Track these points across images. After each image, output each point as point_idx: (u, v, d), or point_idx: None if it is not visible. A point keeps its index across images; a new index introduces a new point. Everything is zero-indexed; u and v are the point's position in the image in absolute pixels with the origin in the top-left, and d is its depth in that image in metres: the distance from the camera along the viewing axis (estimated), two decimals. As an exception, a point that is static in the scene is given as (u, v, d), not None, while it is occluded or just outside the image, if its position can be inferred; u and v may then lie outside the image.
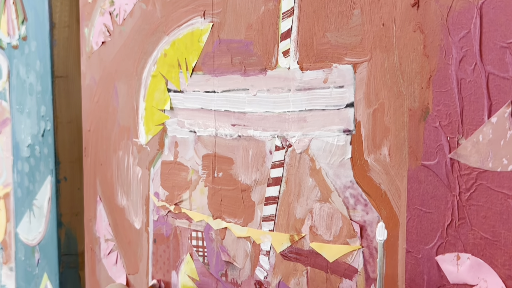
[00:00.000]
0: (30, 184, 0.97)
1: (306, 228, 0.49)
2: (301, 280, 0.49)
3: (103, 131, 0.76)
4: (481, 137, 0.36)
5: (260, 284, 0.54)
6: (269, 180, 0.52)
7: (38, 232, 0.96)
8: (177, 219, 0.64)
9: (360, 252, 0.44)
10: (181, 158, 0.62)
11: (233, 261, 0.57)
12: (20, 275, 1.05)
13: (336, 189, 0.46)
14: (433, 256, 0.39)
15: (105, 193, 0.77)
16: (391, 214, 0.42)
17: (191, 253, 0.62)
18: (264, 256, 0.53)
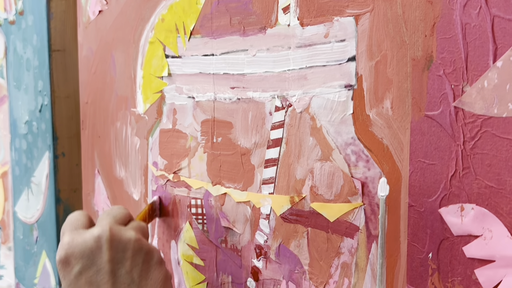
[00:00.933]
0: (28, 161, 0.97)
1: (307, 188, 0.48)
2: (302, 241, 0.49)
3: (101, 103, 0.75)
4: (486, 83, 0.35)
5: (260, 248, 0.53)
6: (269, 142, 0.51)
7: (36, 209, 0.95)
8: (176, 188, 0.63)
9: (361, 209, 0.44)
10: (180, 125, 0.61)
11: (233, 226, 0.56)
12: (18, 254, 1.04)
13: (337, 147, 0.45)
14: (436, 208, 0.38)
15: (103, 165, 0.76)
16: (393, 168, 0.41)
17: (190, 222, 0.62)
18: (264, 220, 0.52)
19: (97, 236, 0.49)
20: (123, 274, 0.48)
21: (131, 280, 0.49)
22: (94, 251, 0.49)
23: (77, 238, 0.49)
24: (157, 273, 0.50)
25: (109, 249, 0.49)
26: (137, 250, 0.50)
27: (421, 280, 0.40)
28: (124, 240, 0.50)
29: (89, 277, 0.48)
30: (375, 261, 0.43)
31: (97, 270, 0.48)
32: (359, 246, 0.44)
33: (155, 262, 0.51)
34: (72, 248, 0.49)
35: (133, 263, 0.49)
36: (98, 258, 0.48)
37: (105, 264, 0.48)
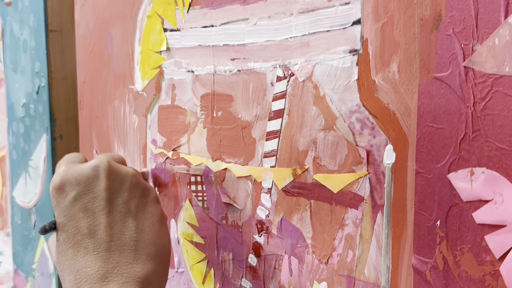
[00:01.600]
0: (25, 145, 0.95)
1: (309, 160, 0.46)
2: (304, 215, 0.47)
3: (98, 81, 0.74)
4: (497, 40, 0.33)
5: (261, 223, 0.52)
6: (271, 113, 0.50)
7: (34, 193, 0.94)
8: (175, 165, 0.62)
9: (366, 179, 0.42)
10: (179, 101, 0.60)
11: (234, 202, 0.54)
12: (16, 240, 1.03)
13: (341, 115, 0.43)
14: (444, 174, 0.37)
15: (101, 145, 0.75)
16: (400, 135, 0.40)
17: (190, 199, 0.60)
18: (265, 194, 0.51)
19: (95, 165, 0.48)
20: (120, 204, 0.47)
21: (128, 210, 0.47)
22: (91, 178, 0.47)
23: (74, 167, 0.48)
24: (153, 209, 0.49)
25: (107, 177, 0.47)
26: (134, 184, 0.49)
27: (428, 249, 0.39)
28: (122, 172, 0.49)
29: (85, 204, 0.46)
30: (381, 231, 0.42)
31: (93, 197, 0.47)
32: (364, 216, 0.43)
33: (151, 199, 0.49)
34: (68, 175, 0.47)
35: (130, 195, 0.48)
36: (95, 185, 0.47)
37: (102, 191, 0.47)
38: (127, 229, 0.46)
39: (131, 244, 0.45)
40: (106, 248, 0.44)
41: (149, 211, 0.48)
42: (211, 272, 0.58)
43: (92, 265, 0.43)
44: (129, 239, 0.45)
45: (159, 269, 0.46)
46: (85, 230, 0.45)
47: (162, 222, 0.49)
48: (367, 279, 0.43)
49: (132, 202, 0.48)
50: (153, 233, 0.47)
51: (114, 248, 0.44)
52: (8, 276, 1.08)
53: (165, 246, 0.48)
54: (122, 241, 0.45)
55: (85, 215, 0.46)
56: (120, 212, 0.46)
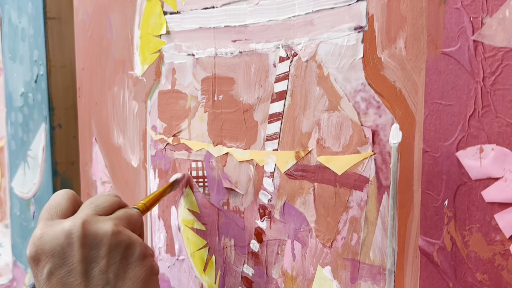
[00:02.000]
0: (24, 135, 0.94)
1: (313, 142, 0.45)
2: (308, 198, 0.46)
3: (97, 68, 0.73)
4: (508, 12, 0.32)
5: (264, 208, 0.51)
6: (273, 95, 0.49)
7: (33, 183, 0.93)
8: (175, 151, 0.61)
9: (371, 159, 0.41)
10: (179, 85, 0.59)
11: (235, 187, 0.53)
12: (15, 231, 1.02)
13: (345, 95, 0.42)
14: (453, 152, 0.36)
15: (100, 133, 0.74)
16: (407, 113, 0.39)
17: (191, 185, 0.59)
18: (268, 178, 0.50)
19: (68, 231, 0.43)
20: (97, 275, 0.43)
21: (106, 281, 0.44)
22: (65, 248, 0.43)
23: (49, 232, 0.44)
24: (137, 270, 0.45)
25: (81, 246, 0.43)
26: (114, 245, 0.44)
27: (436, 230, 0.38)
28: (100, 235, 0.44)
29: (61, 278, 0.43)
30: (386, 213, 0.41)
31: (68, 271, 0.43)
32: (369, 198, 0.42)
33: (136, 258, 0.45)
34: (42, 244, 0.43)
35: (109, 262, 0.44)
36: (69, 256, 0.43)
37: (77, 264, 0.43)
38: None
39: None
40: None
41: (132, 277, 0.45)
42: (212, 259, 0.57)
43: None
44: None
45: None
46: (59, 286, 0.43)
47: (149, 281, 0.46)
48: (372, 262, 0.42)
49: (111, 269, 0.44)
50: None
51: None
52: (7, 268, 1.07)
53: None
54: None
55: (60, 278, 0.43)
56: (98, 285, 0.43)
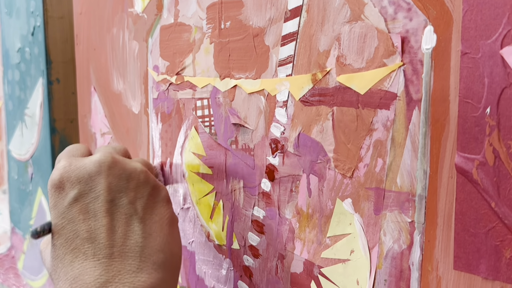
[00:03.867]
0: (21, 93, 0.90)
1: (332, 60, 0.41)
2: (326, 125, 0.42)
3: (96, 10, 0.68)
4: None
5: (276, 142, 0.46)
6: (286, 13, 0.44)
7: (31, 143, 0.89)
8: (179, 91, 0.56)
9: (400, 71, 0.36)
10: (183, 17, 0.54)
11: (244, 123, 0.49)
12: (13, 196, 0.98)
13: (370, 0, 0.38)
14: (496, 50, 0.31)
15: (99, 81, 0.69)
16: (442, 11, 0.34)
17: (196, 126, 0.55)
18: (280, 109, 0.45)
19: (98, 160, 0.42)
20: (125, 204, 0.41)
21: (134, 211, 0.41)
22: (93, 176, 0.41)
23: (75, 163, 0.42)
24: (163, 210, 0.43)
25: (110, 175, 0.41)
26: (142, 182, 0.43)
27: (475, 144, 0.33)
28: (129, 169, 0.43)
29: (85, 205, 0.40)
30: (417, 131, 0.36)
31: (94, 197, 0.41)
32: (397, 117, 0.37)
33: (161, 198, 0.43)
34: (68, 172, 0.41)
35: (137, 194, 0.42)
36: (97, 184, 0.41)
37: (104, 191, 0.41)
38: (131, 233, 0.40)
39: (135, 251, 0.39)
40: (108, 254, 0.39)
41: (158, 213, 0.42)
42: (219, 204, 0.53)
43: (91, 272, 0.38)
44: (133, 244, 0.40)
45: (167, 279, 0.41)
46: (85, 234, 0.39)
47: (172, 225, 0.43)
48: (400, 188, 0.37)
49: (138, 202, 0.42)
50: (161, 238, 0.41)
51: (116, 255, 0.39)
52: (5, 236, 1.03)
53: (174, 253, 0.42)
54: (126, 247, 0.39)
55: (85, 217, 0.40)
56: (124, 213, 0.41)
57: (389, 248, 0.38)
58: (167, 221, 0.42)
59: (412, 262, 0.37)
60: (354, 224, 0.41)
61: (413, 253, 0.37)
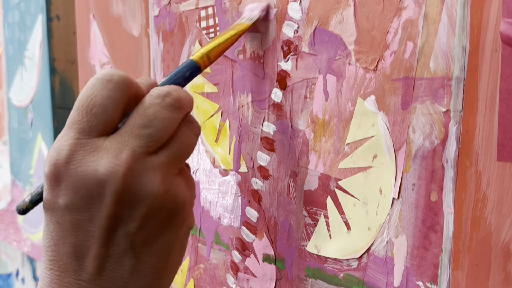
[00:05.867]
0: (21, 35, 0.85)
1: None
2: (346, 13, 0.36)
3: None
4: None
5: (288, 44, 0.41)
6: None
7: (31, 87, 0.84)
8: (181, 3, 0.51)
9: None
10: None
11: (253, 25, 0.43)
12: (14, 146, 0.94)
13: None
14: None
15: (98, 6, 0.64)
16: None
17: (200, 40, 0.49)
18: (294, 3, 0.40)
19: (103, 180, 0.32)
20: (122, 235, 0.33)
21: (130, 245, 0.33)
22: (93, 197, 0.33)
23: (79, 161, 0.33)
24: (170, 236, 0.35)
25: (114, 204, 0.33)
26: (154, 210, 0.33)
27: (528, 4, 0.27)
28: (141, 195, 0.33)
29: (78, 220, 0.33)
30: (454, 1, 0.30)
31: (89, 219, 0.33)
32: (430, -11, 0.32)
33: (174, 224, 0.35)
34: (67, 171, 0.33)
35: (141, 225, 0.33)
36: (96, 208, 0.33)
37: (103, 218, 0.33)
38: (119, 266, 0.34)
39: (118, 284, 0.33)
40: (89, 279, 0.33)
41: (161, 241, 0.34)
42: (225, 125, 0.48)
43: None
44: (119, 278, 0.33)
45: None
46: (70, 249, 0.33)
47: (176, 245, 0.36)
48: (433, 73, 0.32)
49: (140, 234, 0.34)
50: (153, 275, 0.34)
51: (97, 283, 0.33)
52: (6, 189, 0.99)
53: (165, 286, 0.36)
54: (110, 278, 0.33)
55: (74, 231, 0.33)
56: (118, 246, 0.33)
57: (419, 147, 0.33)
58: (170, 247, 0.35)
59: (446, 159, 0.32)
60: (377, 125, 0.35)
61: (447, 148, 0.32)
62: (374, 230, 0.36)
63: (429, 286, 0.33)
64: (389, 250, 0.35)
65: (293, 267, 0.43)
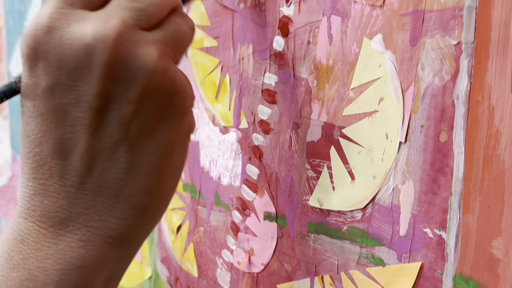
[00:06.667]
0: (21, 5, 0.84)
1: None
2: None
3: None
4: None
5: (291, -13, 0.39)
6: None
7: (30, 58, 0.83)
8: (182, -44, 0.49)
9: None
10: None
11: (255, -28, 0.42)
12: (14, 120, 0.93)
13: None
14: None
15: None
16: None
17: (200, -7, 0.48)
18: None
19: (91, 46, 0.28)
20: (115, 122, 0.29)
21: (124, 135, 0.29)
22: (80, 69, 0.28)
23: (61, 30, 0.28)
24: (169, 130, 0.30)
25: (105, 76, 0.28)
26: (151, 90, 0.29)
27: None
28: (136, 69, 0.29)
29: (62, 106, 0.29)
30: None
31: (77, 101, 0.29)
32: None
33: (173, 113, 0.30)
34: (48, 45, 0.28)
35: (137, 110, 0.29)
36: (84, 84, 0.28)
37: (92, 97, 0.29)
38: (113, 164, 0.29)
39: (113, 188, 0.30)
40: (77, 183, 0.29)
41: (159, 136, 0.30)
42: (226, 80, 0.46)
43: (52, 200, 0.29)
44: (112, 179, 0.29)
45: (144, 227, 0.32)
46: (55, 145, 0.29)
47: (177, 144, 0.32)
48: (444, 4, 0.30)
49: (136, 121, 0.29)
50: (152, 177, 0.30)
51: (88, 187, 0.29)
52: (6, 165, 0.98)
53: (165, 195, 0.32)
54: (103, 180, 0.29)
55: (59, 122, 0.29)
56: (111, 135, 0.29)
57: (428, 85, 0.31)
58: (170, 144, 0.31)
59: (457, 96, 0.30)
60: (384, 66, 0.34)
61: (458, 83, 0.30)
62: (380, 178, 0.34)
63: (437, 233, 0.31)
64: (395, 198, 0.34)
65: (295, 223, 0.41)
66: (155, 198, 0.31)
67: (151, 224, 0.32)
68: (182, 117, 0.31)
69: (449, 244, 0.31)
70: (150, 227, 0.32)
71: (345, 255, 0.37)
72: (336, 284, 0.38)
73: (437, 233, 0.31)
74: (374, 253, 0.35)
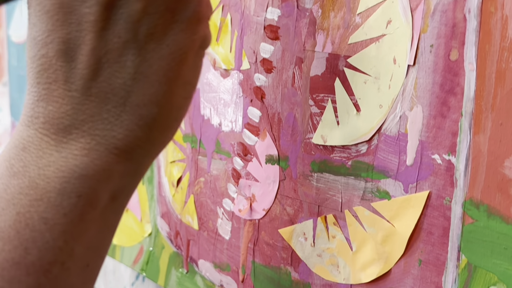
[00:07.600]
0: (19, -34, 0.82)
1: None
2: None
3: None
4: None
5: None
6: None
7: (29, 20, 0.81)
8: None
9: None
10: None
11: None
12: (13, 86, 0.91)
13: None
14: None
15: None
16: None
17: None
18: None
19: None
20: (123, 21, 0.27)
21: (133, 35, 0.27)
22: None
23: None
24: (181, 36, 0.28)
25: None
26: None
27: None
28: None
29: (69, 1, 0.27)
30: None
31: None
32: None
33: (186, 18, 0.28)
34: None
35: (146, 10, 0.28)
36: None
37: None
38: (121, 68, 0.28)
39: (119, 95, 0.28)
40: (83, 88, 0.28)
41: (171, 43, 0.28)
42: (227, 20, 0.45)
43: (55, 104, 0.28)
44: (119, 85, 0.28)
45: (152, 141, 0.30)
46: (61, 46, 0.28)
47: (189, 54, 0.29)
48: None
49: (145, 21, 0.28)
50: (161, 86, 0.29)
51: (93, 92, 0.28)
52: (5, 134, 0.97)
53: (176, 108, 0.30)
54: (109, 86, 0.28)
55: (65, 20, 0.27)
56: (119, 36, 0.27)
57: (438, 0, 0.30)
58: (180, 58, 0.29)
59: (468, 9, 0.28)
60: (392, -14, 0.32)
61: (470, -5, 0.28)
62: (386, 106, 0.33)
63: (446, 158, 0.30)
64: (402, 126, 0.32)
65: (298, 164, 0.40)
66: (164, 111, 0.29)
67: (161, 141, 0.30)
68: (196, 24, 0.29)
69: (458, 168, 0.30)
70: (159, 144, 0.30)
71: (349, 191, 0.36)
72: (340, 222, 0.37)
73: (446, 158, 0.30)
74: (379, 186, 0.34)
